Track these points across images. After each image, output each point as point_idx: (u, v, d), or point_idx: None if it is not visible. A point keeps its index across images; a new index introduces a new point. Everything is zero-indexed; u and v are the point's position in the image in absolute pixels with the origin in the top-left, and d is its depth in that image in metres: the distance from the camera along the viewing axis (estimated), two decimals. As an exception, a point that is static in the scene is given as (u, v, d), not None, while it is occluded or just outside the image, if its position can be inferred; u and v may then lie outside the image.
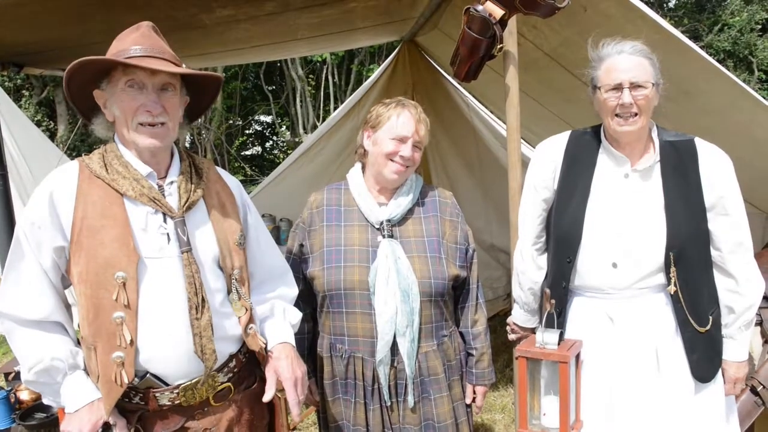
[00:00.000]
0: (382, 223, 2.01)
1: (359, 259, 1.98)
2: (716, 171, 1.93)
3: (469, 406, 2.15)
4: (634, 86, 1.86)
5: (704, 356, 1.95)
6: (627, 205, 1.96)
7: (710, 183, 1.92)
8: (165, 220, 1.64)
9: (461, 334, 2.14)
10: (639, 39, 1.92)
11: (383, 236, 2.00)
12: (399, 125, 1.99)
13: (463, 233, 2.11)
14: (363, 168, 2.11)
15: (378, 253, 1.97)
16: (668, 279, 1.93)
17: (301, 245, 2.08)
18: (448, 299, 2.08)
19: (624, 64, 1.88)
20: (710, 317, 1.95)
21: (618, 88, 1.88)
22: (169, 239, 1.63)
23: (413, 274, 1.95)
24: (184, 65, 1.71)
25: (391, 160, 1.99)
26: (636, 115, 1.88)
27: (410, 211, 2.06)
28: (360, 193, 2.06)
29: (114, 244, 1.57)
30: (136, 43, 1.60)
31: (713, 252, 1.97)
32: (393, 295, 1.93)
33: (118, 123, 1.65)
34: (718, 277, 1.99)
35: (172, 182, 1.69)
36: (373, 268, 1.96)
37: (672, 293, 1.93)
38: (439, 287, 1.99)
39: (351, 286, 1.97)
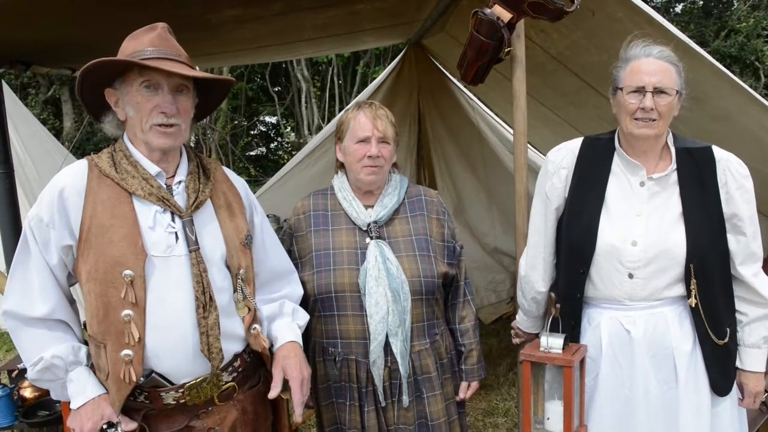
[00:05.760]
0: (369, 225, 2.04)
1: (348, 262, 2.00)
2: (734, 181, 1.88)
3: (461, 405, 2.17)
4: (657, 91, 1.81)
5: (722, 369, 1.92)
6: (643, 214, 1.90)
7: (727, 192, 1.88)
8: (173, 220, 1.65)
9: (451, 331, 2.15)
10: (668, 45, 1.88)
11: (371, 238, 2.02)
12: (358, 128, 2.02)
13: (450, 231, 2.13)
14: (346, 175, 2.14)
15: (367, 255, 1.99)
16: (688, 291, 1.87)
17: (289, 251, 2.08)
18: (439, 297, 2.10)
19: (650, 67, 1.83)
20: (727, 329, 1.91)
21: (640, 90, 1.82)
22: (177, 238, 1.64)
23: (403, 274, 1.97)
24: (197, 67, 1.71)
25: (363, 165, 2.01)
26: (655, 120, 1.82)
27: (397, 212, 2.09)
28: (345, 197, 2.08)
29: (123, 243, 1.58)
30: (152, 44, 1.61)
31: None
32: (384, 296, 1.94)
33: (130, 122, 1.66)
34: (733, 286, 1.94)
35: (180, 182, 1.70)
36: (362, 269, 1.97)
37: (693, 306, 1.87)
38: (429, 285, 2.01)
39: (341, 289, 1.98)
